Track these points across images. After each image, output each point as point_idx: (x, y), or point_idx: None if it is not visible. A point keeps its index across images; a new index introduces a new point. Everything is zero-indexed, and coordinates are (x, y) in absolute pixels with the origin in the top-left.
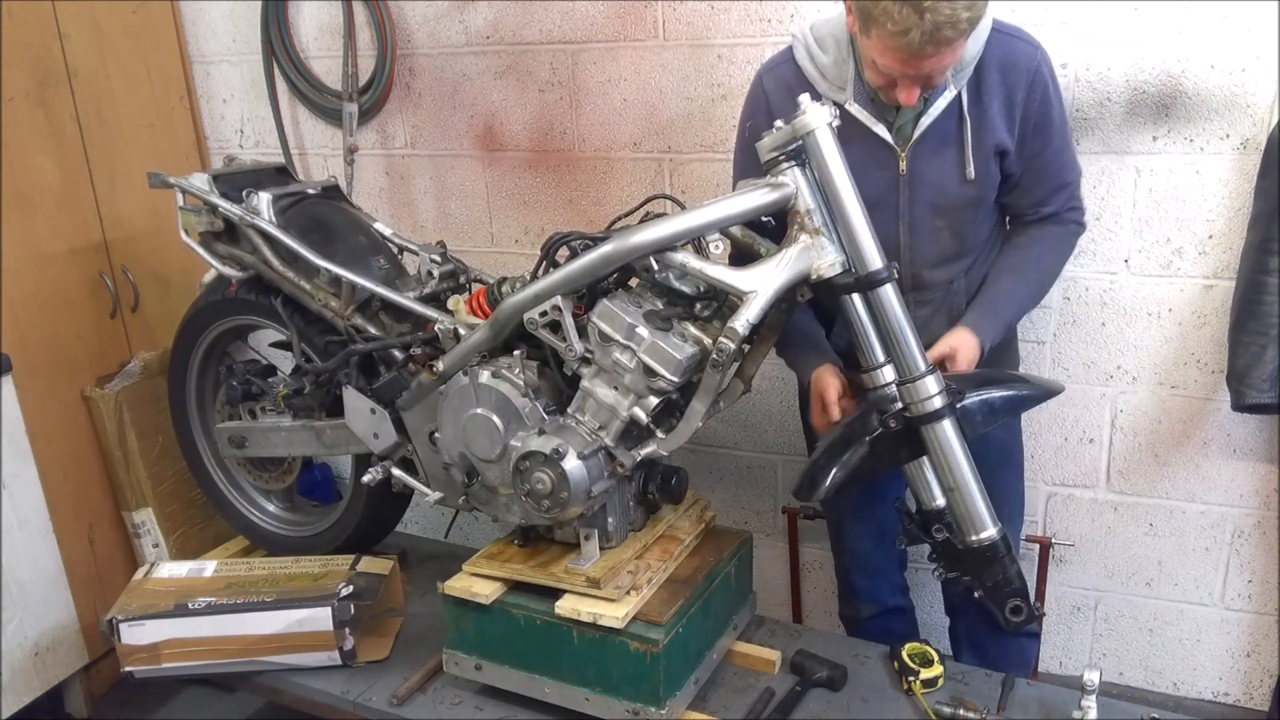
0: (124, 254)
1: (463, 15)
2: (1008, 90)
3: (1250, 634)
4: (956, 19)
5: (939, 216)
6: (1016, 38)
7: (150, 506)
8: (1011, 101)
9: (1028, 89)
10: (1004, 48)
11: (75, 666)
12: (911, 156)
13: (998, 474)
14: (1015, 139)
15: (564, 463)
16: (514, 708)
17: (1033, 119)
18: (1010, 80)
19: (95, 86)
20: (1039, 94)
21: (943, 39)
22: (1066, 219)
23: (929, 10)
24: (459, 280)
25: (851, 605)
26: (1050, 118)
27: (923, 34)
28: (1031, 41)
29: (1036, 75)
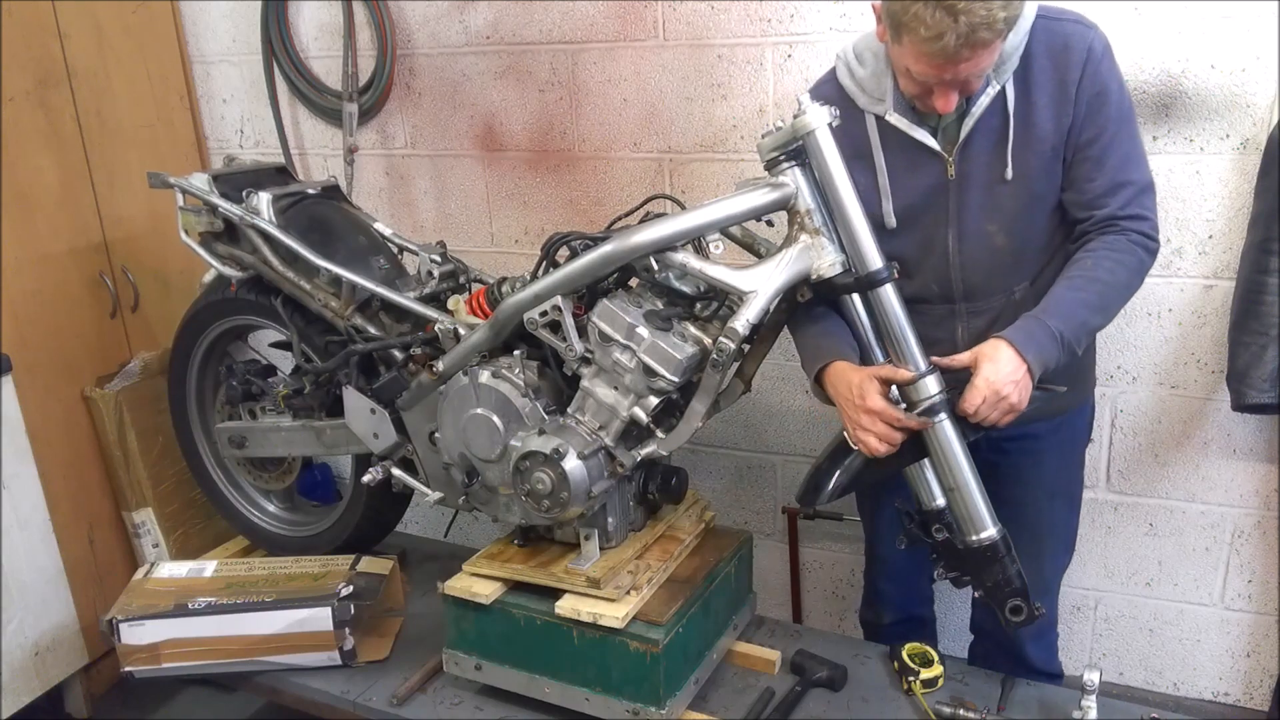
0: (124, 254)
1: (463, 15)
2: (1060, 76)
3: (1250, 634)
4: (993, 19)
5: (990, 221)
6: (1066, 20)
7: (150, 506)
8: (1065, 87)
9: (1081, 68)
10: (1052, 33)
11: (75, 666)
12: (959, 160)
13: (1048, 505)
14: (1071, 125)
15: (564, 463)
16: (514, 708)
17: (1085, 100)
18: (1062, 64)
19: (95, 86)
20: (1092, 72)
21: (979, 41)
22: (1128, 228)
23: (963, 12)
24: (459, 280)
25: (874, 610)
26: (1107, 99)
27: (958, 37)
28: (1084, 22)
29: (1089, 54)
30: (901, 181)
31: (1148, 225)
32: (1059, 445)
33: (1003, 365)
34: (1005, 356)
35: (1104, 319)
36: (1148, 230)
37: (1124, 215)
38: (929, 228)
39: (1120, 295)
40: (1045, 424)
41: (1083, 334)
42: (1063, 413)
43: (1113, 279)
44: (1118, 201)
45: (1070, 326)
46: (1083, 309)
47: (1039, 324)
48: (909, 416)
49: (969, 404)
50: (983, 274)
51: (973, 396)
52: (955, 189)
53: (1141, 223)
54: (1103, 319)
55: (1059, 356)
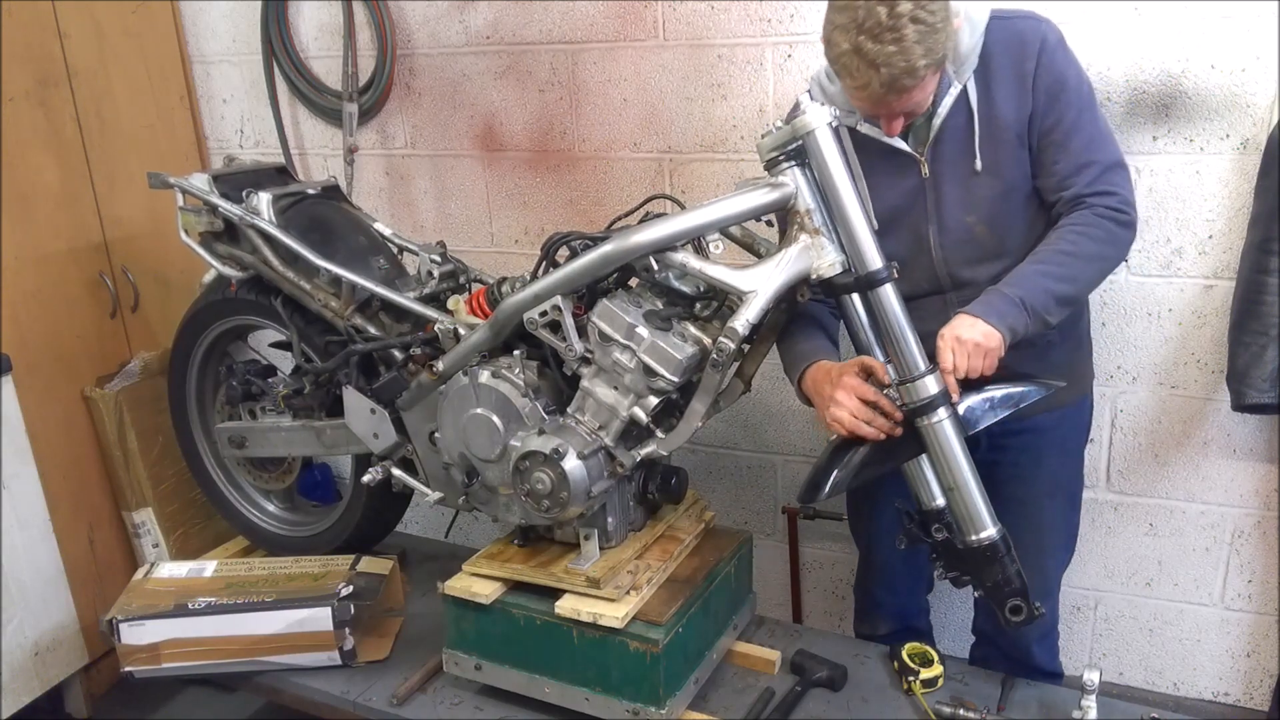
0: (124, 254)
1: (463, 15)
2: (1017, 69)
3: (1250, 634)
4: (913, 68)
5: (967, 213)
6: (1018, 17)
7: (150, 506)
8: (1022, 79)
9: (1036, 59)
10: (1007, 30)
11: (75, 666)
12: (931, 159)
13: (1048, 503)
14: (1031, 114)
15: (564, 463)
16: (514, 708)
17: (1043, 88)
18: (1018, 57)
19: (95, 86)
20: (1047, 60)
21: (902, 86)
22: (1094, 203)
23: (884, 64)
24: (459, 280)
25: (869, 622)
26: (1064, 86)
27: (882, 85)
28: (1035, 17)
29: (1043, 45)
30: (881, 186)
31: (1116, 199)
32: (1058, 442)
33: (955, 323)
34: (958, 319)
35: (1073, 287)
36: (1116, 204)
37: (1090, 192)
38: (912, 226)
39: (1089, 264)
40: (1044, 419)
41: (1049, 300)
42: (1061, 407)
43: (1076, 249)
44: (1083, 180)
45: (1030, 292)
46: (1043, 277)
47: (995, 293)
48: (882, 395)
49: (943, 361)
50: (967, 264)
51: (942, 354)
52: (931, 186)
53: (1109, 197)
54: (1071, 287)
55: (1026, 321)
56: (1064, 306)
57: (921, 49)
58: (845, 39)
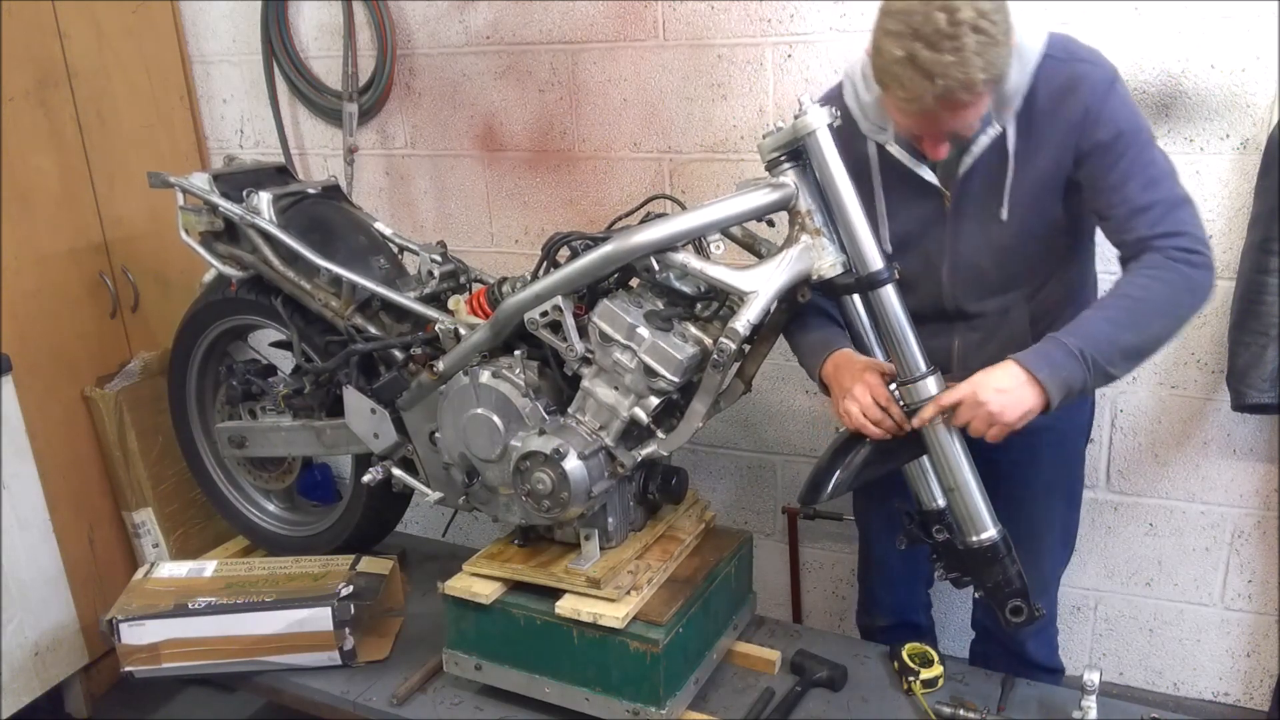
0: (124, 254)
1: (463, 15)
2: (1063, 117)
3: (1250, 634)
4: (971, 81)
5: (983, 256)
6: (1074, 60)
7: (150, 506)
8: (1068, 129)
9: (1084, 109)
10: (1058, 73)
11: (75, 666)
12: (957, 196)
13: (1045, 502)
14: (1075, 165)
15: (564, 463)
16: (514, 708)
17: (1091, 138)
18: (1065, 105)
19: (95, 86)
20: (1096, 110)
21: (957, 101)
22: (1163, 245)
23: (940, 75)
24: (459, 280)
25: (869, 614)
26: (1115, 133)
27: (935, 98)
28: (1091, 59)
29: (1092, 93)
30: (899, 209)
31: (1186, 239)
32: (1057, 441)
33: (995, 375)
34: (1004, 370)
35: (1140, 336)
36: (1186, 244)
37: (1155, 235)
38: (924, 255)
39: (1161, 313)
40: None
41: (1113, 352)
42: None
43: (1145, 294)
44: (1146, 223)
45: (1093, 343)
46: (1107, 325)
47: (1055, 343)
48: (898, 406)
49: (946, 397)
50: (975, 299)
51: (951, 392)
52: (951, 222)
53: (1178, 238)
54: (1139, 337)
55: (1084, 375)
56: (1130, 360)
57: (981, 61)
58: (898, 46)
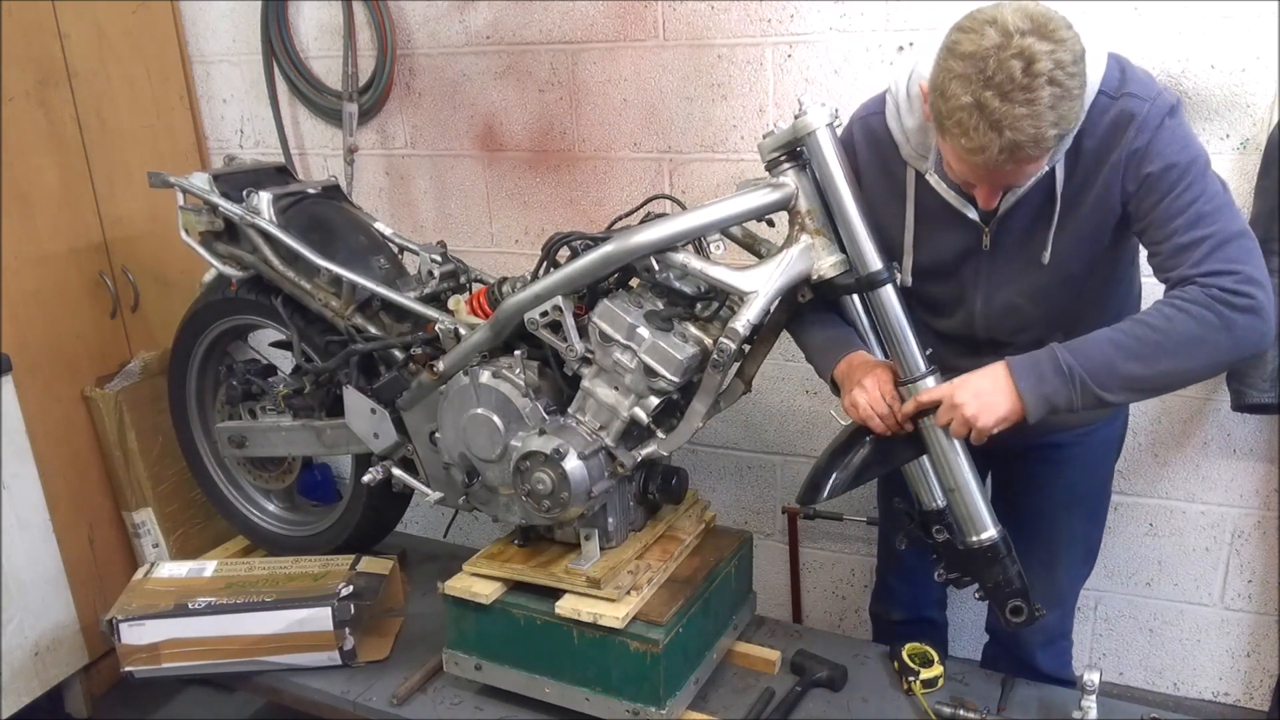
0: (124, 254)
1: (463, 15)
2: (1111, 155)
3: (1250, 634)
4: (1041, 137)
5: (1019, 295)
6: (1124, 95)
7: (150, 506)
8: (1114, 167)
9: (1130, 146)
10: (1108, 110)
11: (75, 666)
12: (996, 232)
13: (1065, 516)
14: (1123, 205)
15: (564, 463)
16: (514, 708)
17: (1136, 176)
18: (1113, 143)
19: (95, 86)
20: (1143, 147)
21: (1025, 156)
22: (1206, 283)
23: (1010, 128)
24: (459, 280)
25: (883, 605)
26: (1165, 168)
27: (1001, 151)
28: (1143, 94)
29: (1140, 130)
30: (933, 237)
31: (1232, 279)
32: (1082, 457)
33: (977, 377)
34: (989, 372)
35: (1149, 369)
36: (1232, 284)
37: (1198, 274)
38: (958, 288)
39: (1179, 348)
40: (1068, 434)
41: (1111, 378)
42: (1088, 424)
43: (1167, 326)
44: (1190, 261)
45: (1089, 365)
46: (1111, 349)
47: (1050, 354)
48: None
49: (925, 395)
50: (1008, 332)
51: (932, 390)
52: (988, 259)
53: (1222, 277)
54: (1145, 369)
55: (1070, 395)
56: (1133, 391)
57: (1054, 115)
58: (966, 92)
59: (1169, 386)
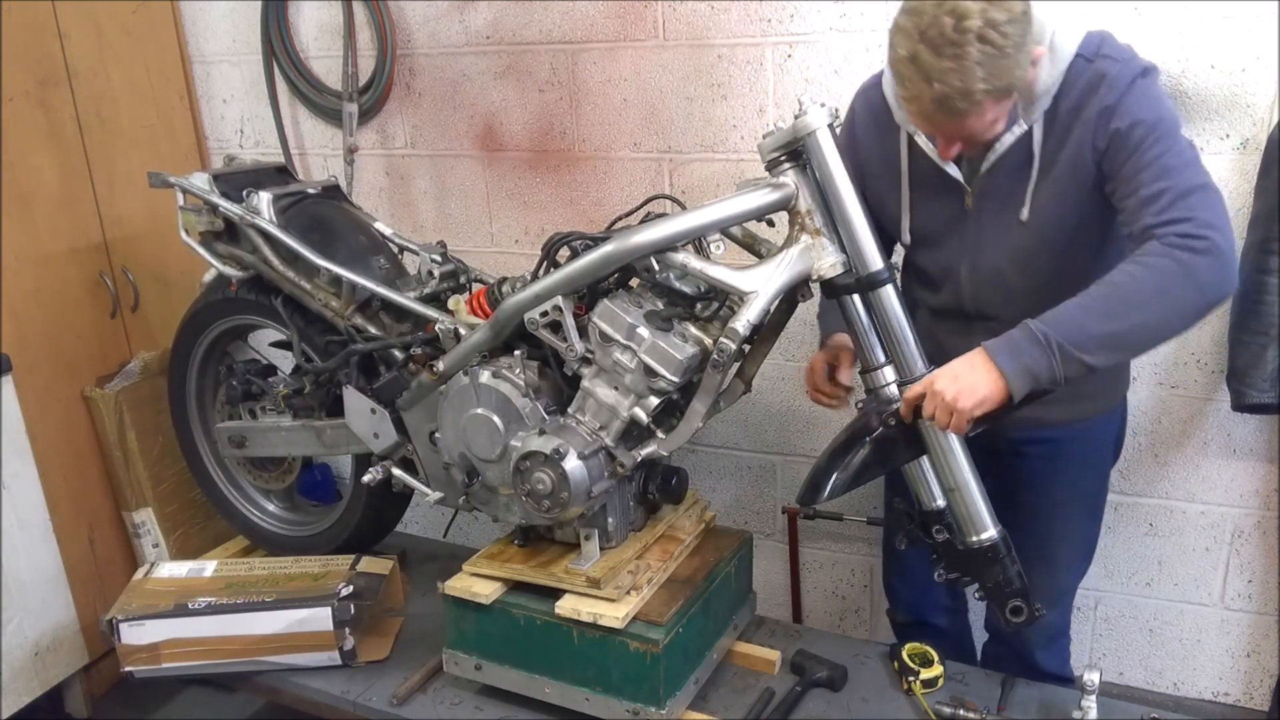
0: (124, 254)
1: (463, 15)
2: (1086, 116)
3: (1250, 634)
4: (969, 91)
5: (1002, 258)
6: (1101, 58)
7: (150, 506)
8: (1087, 126)
9: (1104, 106)
10: (1085, 72)
11: (75, 666)
12: (979, 194)
13: (1061, 513)
14: (1097, 164)
15: (564, 463)
16: (514, 708)
17: (1109, 134)
18: (1089, 104)
19: (95, 86)
20: (1115, 105)
21: (954, 108)
22: (1164, 233)
23: (939, 80)
24: (459, 280)
25: (891, 606)
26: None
27: (933, 102)
28: (1120, 57)
29: (1110, 88)
30: (924, 203)
31: (1189, 225)
32: (1079, 454)
33: (955, 363)
34: (965, 357)
35: (1122, 324)
36: (1189, 230)
37: (1159, 222)
38: (947, 254)
39: (1146, 299)
40: (1065, 430)
41: (1087, 340)
42: (1085, 420)
43: (1129, 281)
44: (1152, 211)
45: (1061, 329)
46: (1080, 311)
47: (1023, 328)
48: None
49: (910, 391)
50: (996, 303)
51: (915, 386)
52: (973, 221)
53: (1180, 224)
54: (1120, 325)
55: (1051, 363)
56: (1111, 350)
57: (983, 72)
58: (905, 45)
59: (1148, 340)
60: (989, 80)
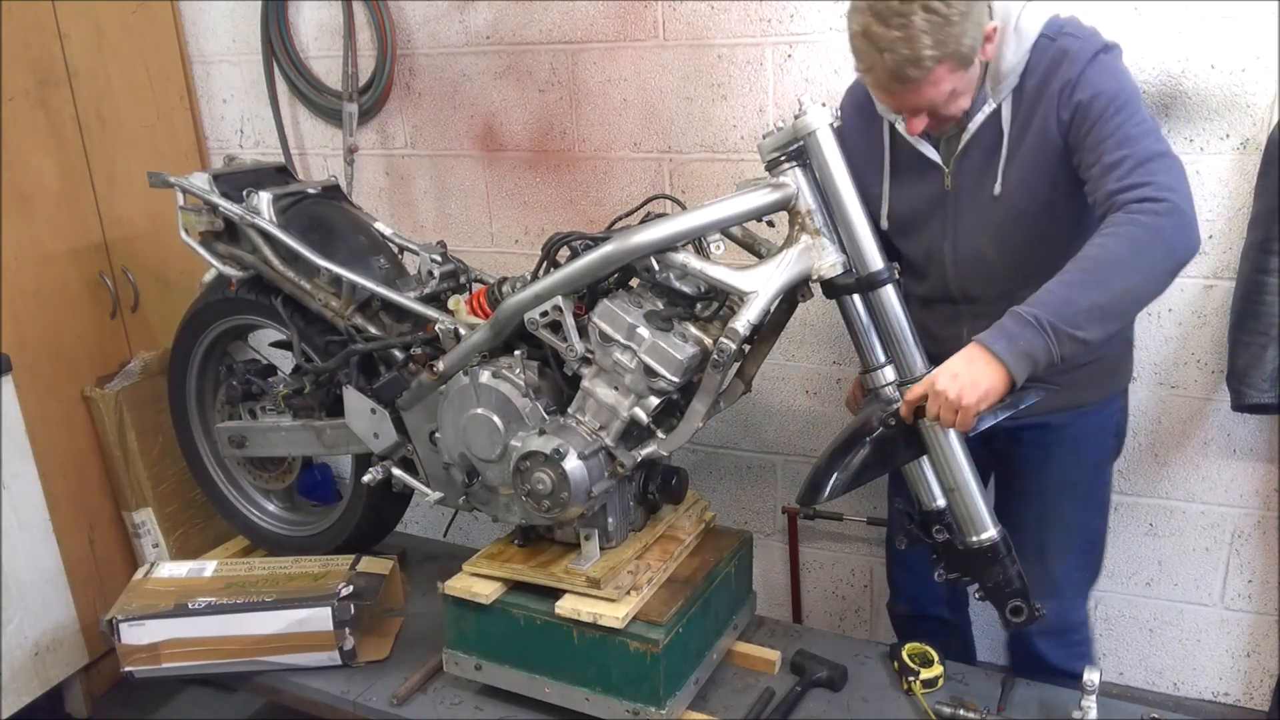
0: (124, 254)
1: (463, 15)
2: (1050, 91)
3: (1250, 634)
4: (917, 58)
5: (980, 235)
6: (1064, 35)
7: (150, 506)
8: (1051, 101)
9: (1066, 80)
10: (1049, 50)
11: (75, 666)
12: (955, 173)
13: (1054, 500)
14: (1061, 135)
15: (564, 463)
16: (514, 708)
17: (1072, 107)
18: (1052, 79)
19: (95, 86)
20: (1077, 79)
21: (905, 76)
22: (1125, 200)
23: (887, 49)
24: (459, 280)
25: (893, 598)
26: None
27: (885, 71)
28: (1081, 34)
29: (1072, 63)
30: (906, 188)
31: (1149, 189)
32: (1071, 440)
33: (952, 360)
34: (962, 353)
35: (1105, 294)
36: (1149, 194)
37: (1121, 188)
38: (930, 236)
39: (1123, 265)
40: (1058, 417)
41: (1076, 314)
42: (1078, 408)
43: (1102, 252)
44: (1114, 178)
45: (1048, 308)
46: (1063, 288)
47: (1012, 315)
48: None
49: (911, 393)
50: (979, 283)
51: (915, 387)
52: (952, 201)
53: (1141, 189)
54: (1104, 295)
55: (1047, 343)
56: (1101, 321)
57: (929, 40)
58: (857, 20)
59: (1132, 305)
60: (937, 47)
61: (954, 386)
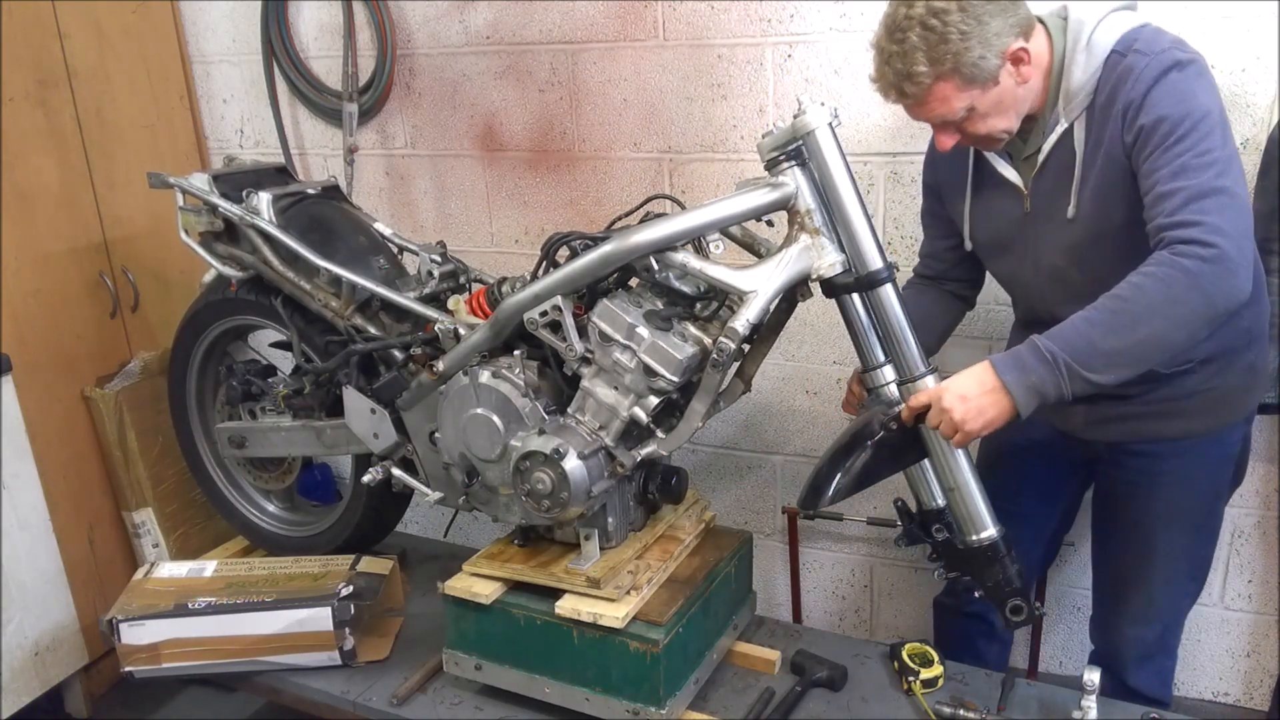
0: (124, 254)
1: (463, 15)
2: (1118, 110)
3: (1250, 634)
4: (911, 73)
5: (1059, 256)
6: (1132, 53)
7: (150, 506)
8: (1117, 120)
9: (1128, 100)
10: (1117, 67)
11: (75, 666)
12: (1033, 194)
13: (1162, 531)
14: (1126, 155)
15: (564, 463)
16: (514, 708)
17: (1135, 128)
18: (1119, 98)
19: (95, 86)
20: (1139, 98)
21: (903, 91)
22: (1171, 238)
23: (887, 64)
24: (459, 280)
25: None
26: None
27: (888, 85)
28: (1147, 51)
29: (1136, 83)
30: (989, 211)
31: (1198, 230)
32: (1182, 471)
33: (963, 379)
34: (973, 373)
35: (1126, 340)
36: (1196, 235)
37: (1169, 224)
38: (1013, 258)
39: (1150, 313)
40: (1166, 446)
41: (1092, 356)
42: (1189, 437)
43: (1136, 295)
44: (1165, 211)
45: (1068, 346)
46: (1086, 326)
47: (1031, 345)
48: None
49: (915, 400)
50: (1064, 304)
51: (920, 395)
52: (1031, 222)
53: (1190, 228)
54: (1123, 340)
55: (1058, 379)
56: (1118, 367)
57: (923, 56)
58: (876, 33)
59: (1156, 354)
60: (932, 64)
61: (960, 408)
